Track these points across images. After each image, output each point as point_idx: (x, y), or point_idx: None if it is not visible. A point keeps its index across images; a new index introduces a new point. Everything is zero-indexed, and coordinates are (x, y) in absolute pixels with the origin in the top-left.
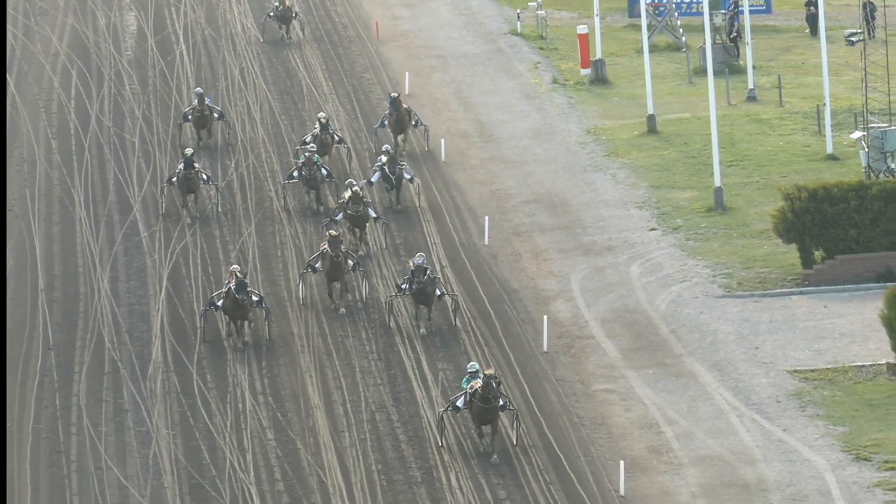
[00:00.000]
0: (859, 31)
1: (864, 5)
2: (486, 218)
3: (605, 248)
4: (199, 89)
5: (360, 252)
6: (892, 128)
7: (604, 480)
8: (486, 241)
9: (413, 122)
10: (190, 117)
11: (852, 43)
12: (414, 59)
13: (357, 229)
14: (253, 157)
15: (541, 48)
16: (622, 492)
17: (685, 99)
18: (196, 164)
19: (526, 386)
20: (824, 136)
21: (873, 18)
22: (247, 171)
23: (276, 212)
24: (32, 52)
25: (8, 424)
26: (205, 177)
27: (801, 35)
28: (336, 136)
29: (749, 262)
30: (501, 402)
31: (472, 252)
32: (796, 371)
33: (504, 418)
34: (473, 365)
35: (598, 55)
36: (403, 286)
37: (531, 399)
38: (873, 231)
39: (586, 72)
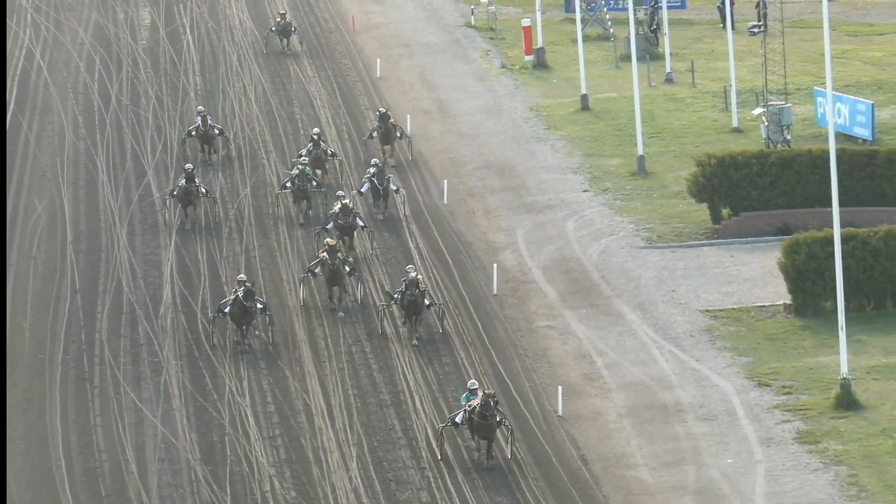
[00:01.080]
0: (759, 23)
1: (758, 3)
2: (445, 181)
3: (545, 206)
4: (201, 108)
5: (350, 259)
6: (788, 105)
7: (545, 403)
8: (445, 200)
9: (398, 135)
10: (194, 133)
11: (754, 33)
12: (384, 47)
13: (346, 237)
14: (248, 130)
15: (491, 38)
16: (560, 413)
17: (613, 81)
18: (196, 179)
19: (479, 323)
20: (730, 112)
21: (765, 14)
22: (243, 142)
23: (268, 178)
24: (62, 42)
25: (41, 356)
26: (203, 190)
27: (711, 27)
28: (329, 151)
29: (667, 218)
30: (498, 419)
31: (433, 210)
32: (707, 310)
33: (500, 433)
34: (473, 383)
35: (540, 44)
36: (396, 296)
37: (483, 334)
38: (772, 192)
39: (529, 58)
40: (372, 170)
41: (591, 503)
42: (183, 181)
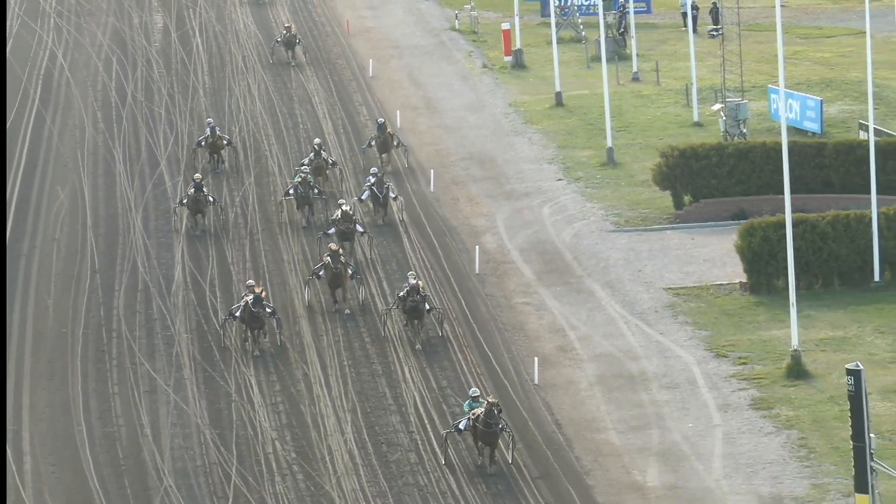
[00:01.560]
0: (718, 27)
1: (711, 9)
2: (432, 171)
3: (523, 194)
4: (210, 119)
5: (351, 262)
6: (744, 101)
7: (522, 372)
8: (432, 188)
9: (395, 144)
10: (204, 144)
11: (713, 36)
12: (376, 49)
13: (346, 242)
14: (252, 125)
15: (473, 40)
16: (536, 381)
17: (584, 80)
18: (205, 188)
19: (462, 300)
20: (691, 108)
21: (717, 14)
22: (247, 135)
23: (271, 168)
24: (82, 44)
25: (63, 330)
26: (212, 199)
27: (675, 30)
28: (329, 160)
29: (633, 204)
30: (501, 426)
31: (420, 197)
32: (670, 288)
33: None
34: (475, 390)
35: (518, 46)
36: (398, 302)
37: (466, 310)
38: (729, 181)
39: (508, 59)
40: (372, 178)
41: (565, 464)
42: (192, 190)
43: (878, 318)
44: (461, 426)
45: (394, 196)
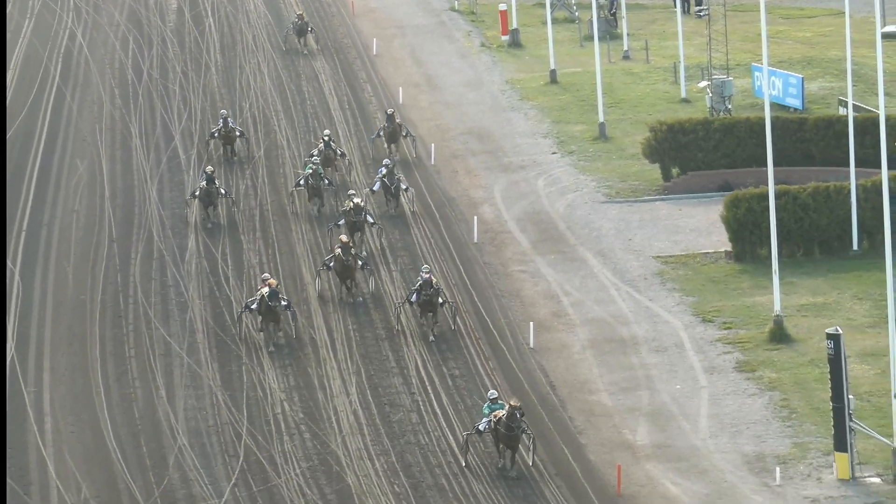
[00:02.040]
0: (705, 7)
1: None
2: (433, 145)
3: (519, 166)
4: (224, 111)
5: (363, 253)
6: (729, 79)
7: (518, 336)
8: (433, 161)
9: (404, 134)
10: (217, 135)
11: (700, 16)
12: (380, 28)
13: (357, 233)
14: (262, 101)
15: (472, 20)
16: (532, 345)
17: (577, 58)
18: (216, 181)
19: (461, 268)
20: (679, 85)
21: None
22: (257, 110)
23: (280, 141)
24: (100, 24)
25: (82, 297)
26: (223, 191)
27: (664, 10)
28: (338, 152)
29: (624, 177)
30: (523, 429)
31: (422, 170)
32: (658, 256)
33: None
34: (493, 393)
35: (514, 26)
36: (412, 298)
37: (465, 277)
38: (715, 154)
39: (505, 38)
40: (383, 170)
41: (558, 423)
42: (204, 183)
43: (857, 285)
44: (481, 428)
45: (405, 188)
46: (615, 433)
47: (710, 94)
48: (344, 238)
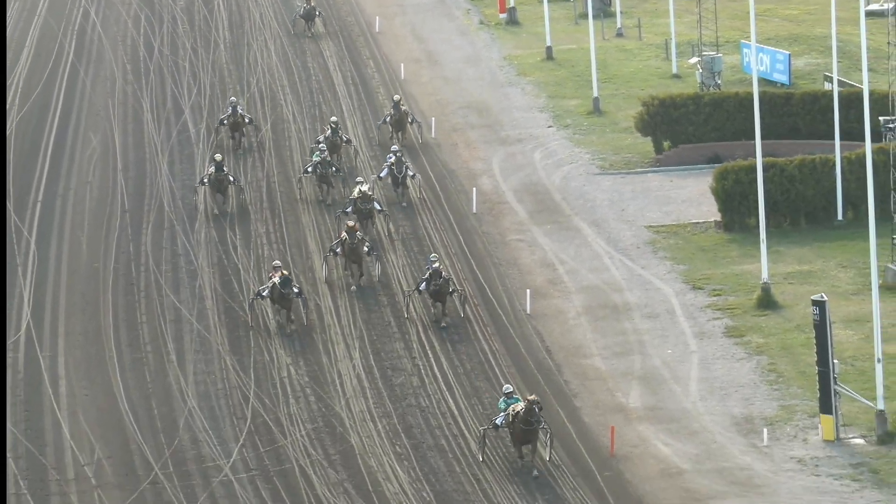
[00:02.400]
0: None
1: None
2: (433, 119)
3: (516, 140)
4: (233, 99)
5: (367, 239)
6: (719, 55)
7: (515, 303)
8: (433, 135)
9: (409, 121)
10: (226, 122)
11: None
12: (382, 6)
13: (366, 220)
14: (269, 76)
15: None
16: (528, 311)
17: (573, 35)
18: (225, 168)
19: (461, 237)
20: (671, 61)
21: None
22: (264, 86)
23: (286, 115)
24: (112, 2)
25: (95, 265)
26: (231, 178)
27: None
28: (344, 138)
29: (617, 149)
30: (542, 424)
31: (423, 143)
32: (650, 226)
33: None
34: (508, 387)
35: (512, 4)
36: (422, 286)
37: (464, 246)
38: (705, 128)
39: (503, 16)
40: (392, 158)
41: (554, 387)
42: (213, 170)
43: (841, 254)
44: (498, 422)
45: (412, 174)
46: (609, 396)
47: (701, 70)
48: (350, 222)
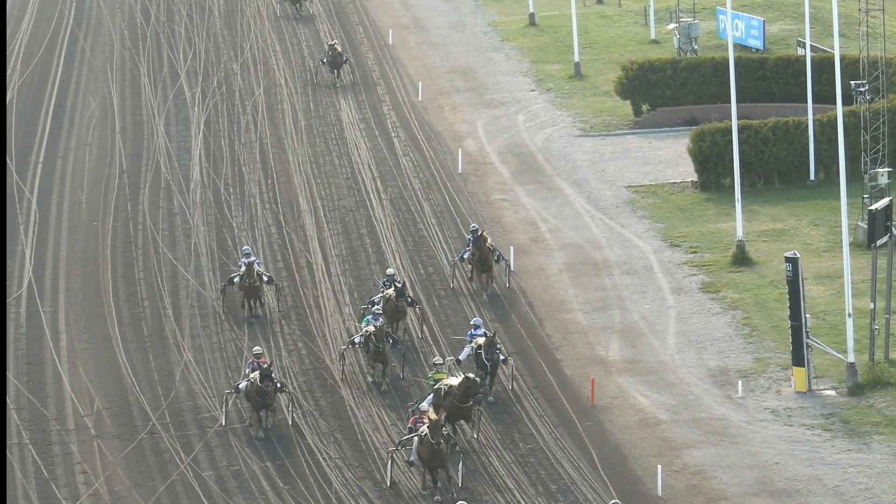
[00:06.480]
0: None
1: None
2: (420, 82)
3: (500, 103)
4: (246, 249)
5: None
6: (695, 21)
7: (501, 261)
8: (420, 98)
9: (496, 259)
10: (236, 280)
11: None
12: None
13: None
14: (261, 42)
15: None
16: (513, 268)
17: (554, 2)
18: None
19: (447, 197)
20: (649, 27)
21: None
22: (258, 51)
23: (277, 80)
24: None
25: (95, 223)
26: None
27: None
28: (409, 299)
29: (598, 112)
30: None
31: (410, 106)
32: (630, 186)
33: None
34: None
35: None
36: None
37: (450, 205)
38: (682, 91)
39: None
40: (479, 340)
41: (537, 340)
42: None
43: (813, 213)
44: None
45: (504, 358)
46: (589, 349)
47: (678, 36)
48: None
